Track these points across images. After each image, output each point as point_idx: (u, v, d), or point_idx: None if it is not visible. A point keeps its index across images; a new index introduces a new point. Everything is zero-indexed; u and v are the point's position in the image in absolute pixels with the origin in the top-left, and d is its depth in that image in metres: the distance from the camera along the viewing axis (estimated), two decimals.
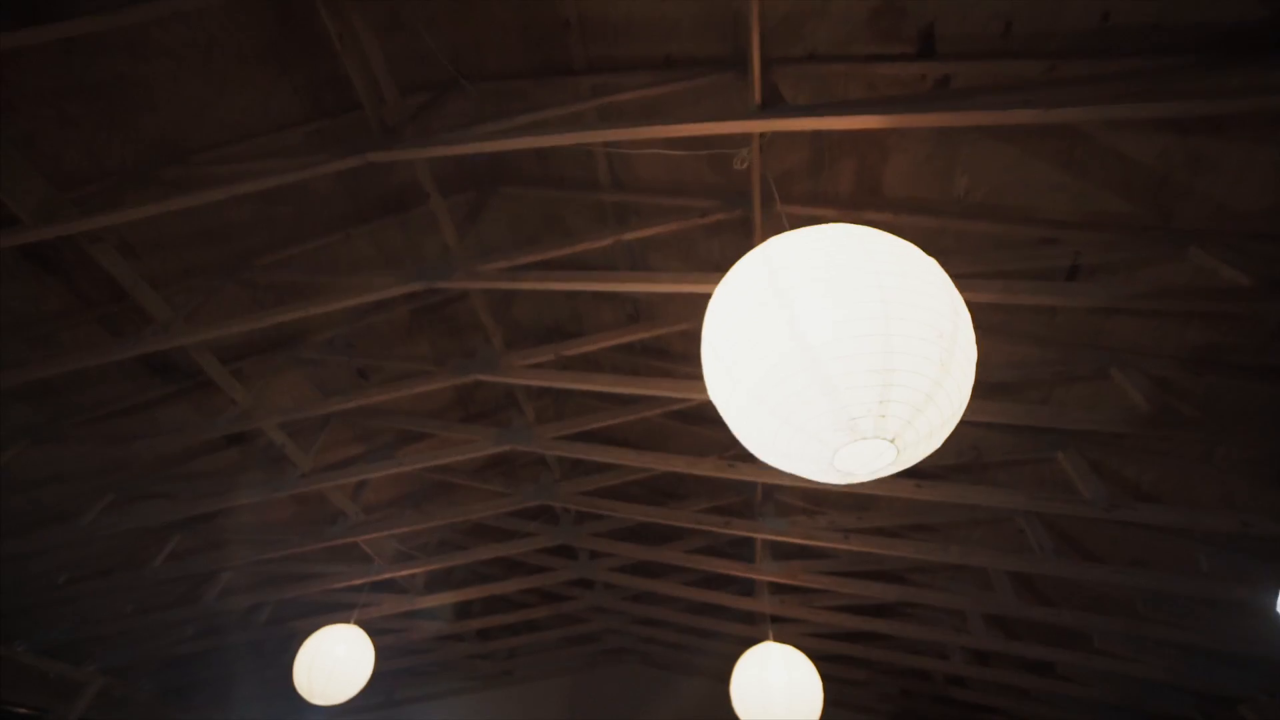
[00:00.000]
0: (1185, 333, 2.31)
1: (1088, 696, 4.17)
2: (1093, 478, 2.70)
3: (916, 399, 0.85)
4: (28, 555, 3.60)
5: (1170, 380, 2.36)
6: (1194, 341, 2.30)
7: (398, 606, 4.44)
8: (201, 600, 4.31)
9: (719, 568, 3.69)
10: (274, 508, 4.20)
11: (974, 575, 3.69)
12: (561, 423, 3.10)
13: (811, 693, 2.76)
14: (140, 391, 3.37)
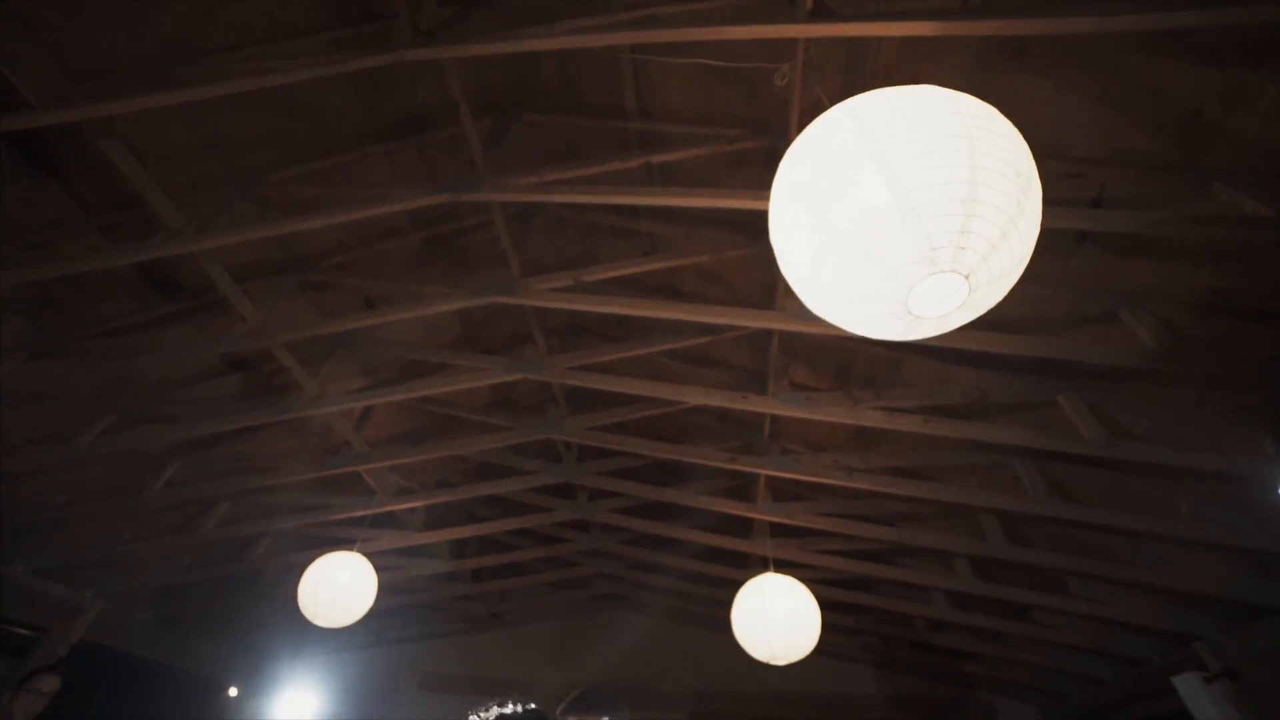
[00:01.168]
0: (1197, 276, 2.37)
1: (1059, 640, 4.39)
2: (1092, 420, 2.80)
3: (993, 233, 0.88)
4: (24, 474, 3.56)
5: (1177, 322, 2.44)
6: (1205, 285, 2.37)
7: (396, 542, 4.48)
8: (199, 529, 4.30)
9: (720, 507, 3.77)
10: (275, 438, 4.18)
11: (965, 524, 3.82)
12: (573, 354, 3.11)
13: (810, 621, 2.87)
14: (143, 309, 3.30)
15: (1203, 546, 3.17)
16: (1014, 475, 3.36)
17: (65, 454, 3.44)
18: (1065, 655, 4.64)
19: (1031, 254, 2.54)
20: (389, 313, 2.93)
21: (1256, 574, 3.18)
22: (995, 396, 2.93)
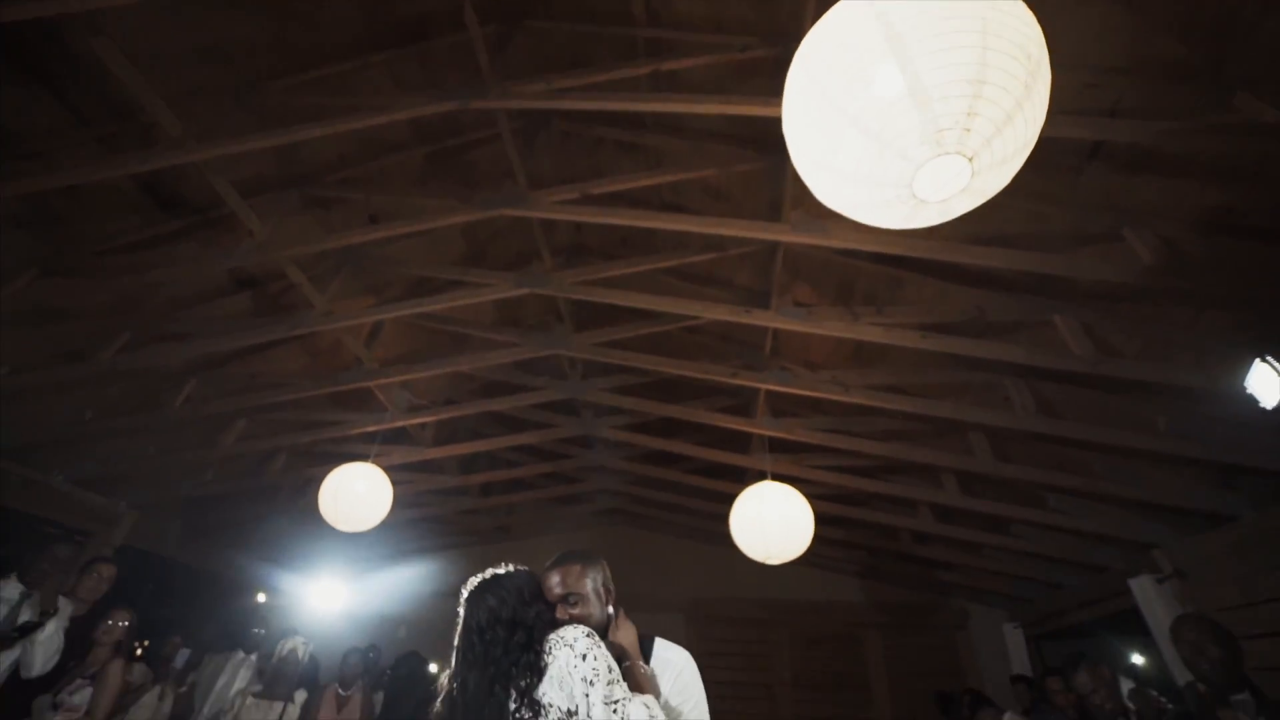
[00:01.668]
0: (1205, 193, 2.38)
1: (1032, 551, 4.68)
2: (1084, 339, 2.88)
3: (999, 116, 0.91)
4: (51, 390, 3.66)
5: (1179, 241, 2.47)
6: (1212, 202, 2.37)
7: (408, 457, 4.67)
8: (219, 445, 4.48)
9: (720, 422, 3.92)
10: (287, 356, 4.28)
11: (955, 442, 3.99)
12: (579, 270, 3.14)
13: (804, 525, 3.04)
14: (148, 225, 3.29)
15: (1173, 461, 3.34)
16: (1005, 395, 3.48)
17: (86, 370, 3.54)
18: (1036, 565, 4.96)
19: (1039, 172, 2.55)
20: (395, 226, 2.93)
21: (1217, 486, 3.37)
22: (993, 315, 3.00)
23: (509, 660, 1.17)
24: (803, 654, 6.02)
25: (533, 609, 1.26)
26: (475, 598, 1.29)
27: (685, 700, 1.32)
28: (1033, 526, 4.53)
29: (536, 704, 1.12)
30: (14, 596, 2.67)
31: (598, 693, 1.11)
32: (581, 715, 1.10)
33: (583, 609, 1.33)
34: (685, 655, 1.41)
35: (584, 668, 1.13)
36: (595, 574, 1.40)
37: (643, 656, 1.32)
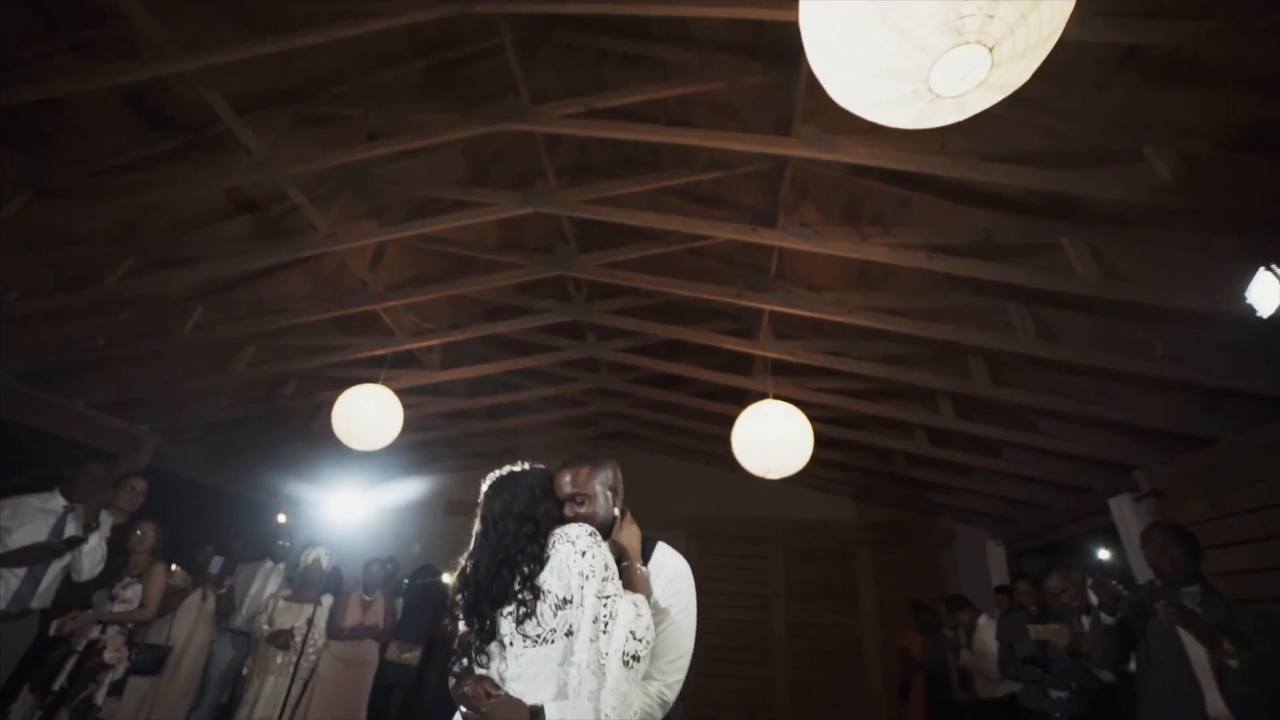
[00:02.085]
0: (1237, 108, 2.28)
1: (1021, 473, 4.86)
2: (1091, 262, 2.87)
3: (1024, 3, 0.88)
4: (62, 315, 3.70)
5: (1202, 158, 2.40)
6: (1242, 117, 2.28)
7: (416, 380, 4.77)
8: (231, 370, 4.56)
9: (723, 344, 3.97)
10: (292, 282, 4.29)
11: (953, 366, 4.05)
12: (584, 189, 3.09)
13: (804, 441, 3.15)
14: (139, 145, 3.21)
15: (1163, 386, 3.41)
16: (1006, 320, 3.51)
17: (94, 296, 3.55)
18: (1023, 487, 5.16)
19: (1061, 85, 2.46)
20: (395, 143, 2.86)
21: (1203, 410, 3.46)
22: (1001, 238, 2.98)
23: (516, 548, 1.27)
24: (797, 568, 6.38)
25: (542, 505, 1.36)
26: (493, 491, 1.39)
27: (674, 603, 1.40)
28: (1023, 449, 4.68)
29: (537, 589, 1.23)
30: (58, 509, 2.88)
31: (591, 587, 1.21)
32: (575, 604, 1.21)
33: (589, 508, 1.41)
34: (682, 563, 1.49)
35: (582, 563, 1.23)
36: (604, 476, 1.48)
37: (643, 559, 1.41)
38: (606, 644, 1.17)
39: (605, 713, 1.13)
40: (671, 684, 1.31)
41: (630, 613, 1.20)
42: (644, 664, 1.19)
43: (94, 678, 2.93)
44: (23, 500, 2.84)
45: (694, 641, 1.41)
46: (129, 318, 4.05)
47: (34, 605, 2.77)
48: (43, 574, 2.78)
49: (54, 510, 2.86)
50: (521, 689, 1.19)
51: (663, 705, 1.29)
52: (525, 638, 1.21)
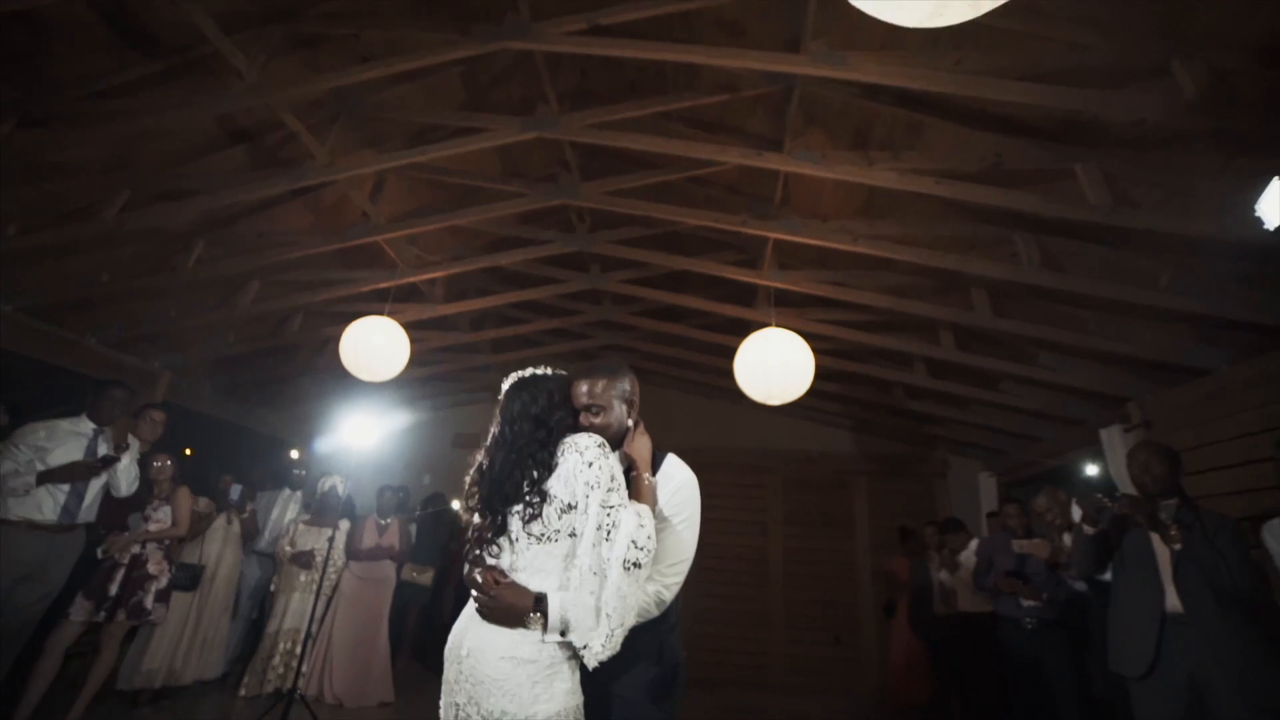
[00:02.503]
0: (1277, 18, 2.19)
1: (1017, 406, 4.95)
2: (1103, 188, 2.83)
3: None
4: (64, 251, 3.68)
5: (1233, 73, 2.30)
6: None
7: (420, 314, 4.80)
8: (237, 306, 4.58)
9: (727, 273, 3.97)
10: (292, 215, 4.24)
11: (956, 298, 4.06)
12: (588, 112, 3.01)
13: (805, 369, 3.19)
14: (122, 69, 3.10)
15: (1165, 317, 3.43)
16: (1013, 250, 3.49)
17: (94, 230, 3.53)
18: (1018, 419, 5.27)
19: None
20: (390, 64, 2.77)
21: (1202, 341, 3.49)
22: (1012, 163, 2.92)
23: (528, 451, 1.33)
24: (795, 497, 6.61)
25: (557, 413, 1.40)
26: (512, 392, 1.44)
27: (678, 513, 1.46)
28: (1020, 382, 4.75)
29: (544, 493, 1.29)
30: (89, 432, 3.00)
31: (596, 496, 1.26)
32: (580, 511, 1.27)
33: (604, 419, 1.45)
34: (689, 474, 1.53)
35: (588, 474, 1.28)
36: (621, 388, 1.50)
37: (652, 470, 1.46)
38: (609, 550, 1.23)
39: (605, 609, 1.20)
40: (669, 585, 1.38)
41: (633, 522, 1.25)
42: (645, 570, 1.25)
43: (141, 586, 3.26)
44: (55, 424, 2.97)
45: (695, 548, 1.47)
46: (131, 253, 4.04)
47: (80, 520, 2.94)
48: (85, 491, 2.93)
49: (85, 433, 3.00)
50: (527, 579, 1.27)
51: (659, 604, 1.36)
52: (531, 535, 1.28)
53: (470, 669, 1.22)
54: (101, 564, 3.26)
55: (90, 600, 3.12)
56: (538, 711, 1.17)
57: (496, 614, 1.24)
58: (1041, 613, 3.10)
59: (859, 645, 6.05)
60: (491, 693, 1.18)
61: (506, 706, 1.16)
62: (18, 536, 2.72)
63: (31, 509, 2.77)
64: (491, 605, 1.24)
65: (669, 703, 1.38)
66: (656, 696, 1.35)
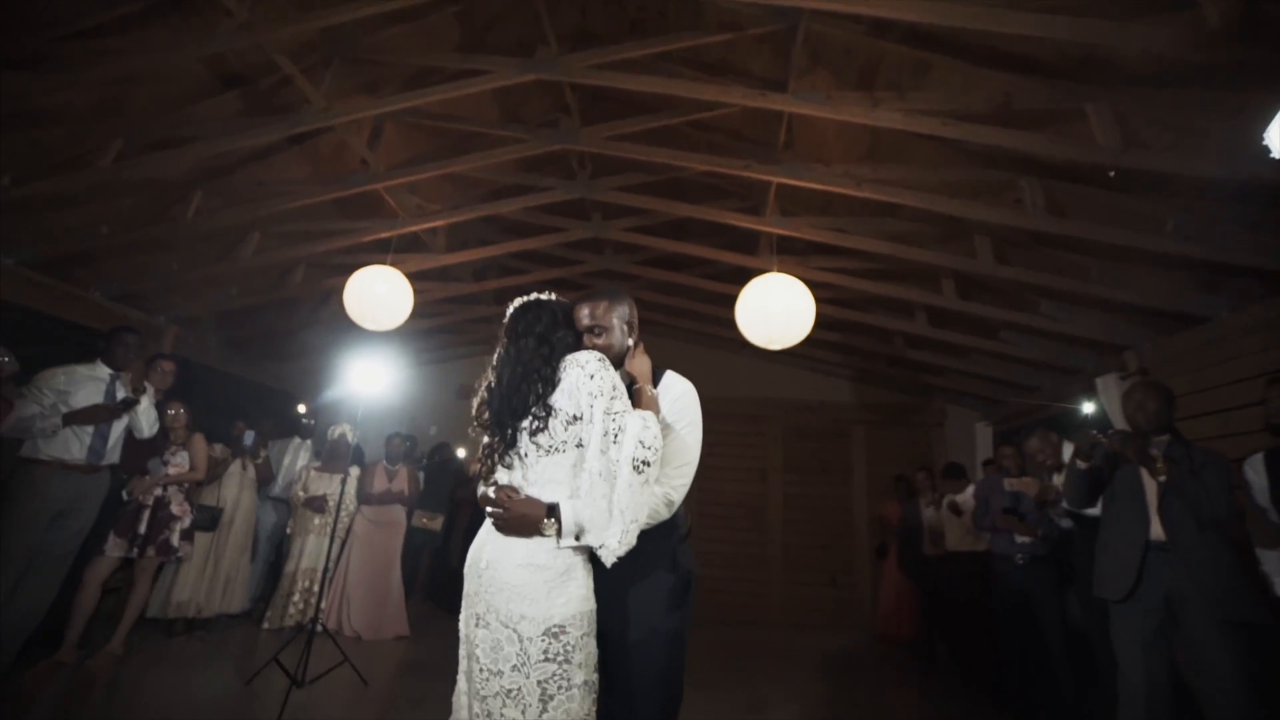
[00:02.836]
0: None
1: (1016, 355, 4.99)
2: (1114, 129, 2.77)
3: None
4: (61, 203, 3.65)
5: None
6: None
7: (422, 264, 4.79)
8: (238, 258, 4.57)
9: (729, 220, 3.95)
10: (290, 164, 4.18)
11: (959, 245, 4.03)
12: (587, 52, 2.93)
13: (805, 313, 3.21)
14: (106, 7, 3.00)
15: (1168, 264, 3.42)
16: (1017, 196, 3.45)
17: (89, 180, 3.49)
18: (1016, 369, 5.33)
19: None
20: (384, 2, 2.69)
21: (1204, 288, 3.49)
22: (1021, 103, 2.86)
23: (533, 366, 1.39)
24: (794, 445, 6.75)
25: (559, 332, 1.46)
26: (518, 313, 1.50)
27: (680, 419, 1.53)
28: (1020, 331, 4.77)
29: (549, 407, 1.35)
30: (105, 376, 3.09)
31: (600, 405, 1.32)
32: (585, 421, 1.33)
33: (605, 339, 1.52)
34: (688, 385, 1.61)
35: (591, 385, 1.34)
36: (621, 311, 1.57)
37: (653, 384, 1.52)
38: (617, 452, 1.29)
39: (617, 508, 1.27)
40: (677, 487, 1.45)
41: (638, 424, 1.31)
42: (654, 469, 1.31)
43: (167, 525, 3.51)
44: (72, 369, 3.05)
45: (699, 452, 1.54)
46: (129, 205, 4.00)
47: (106, 461, 3.05)
48: (109, 433, 3.04)
49: (102, 378, 3.09)
50: (538, 492, 1.34)
51: (668, 506, 1.43)
52: (539, 448, 1.34)
53: (490, 579, 1.30)
54: (128, 505, 3.47)
55: (122, 538, 3.37)
56: (554, 614, 1.25)
57: (512, 525, 1.31)
58: (1034, 549, 3.22)
59: (854, 586, 6.29)
60: (510, 599, 1.26)
61: (525, 610, 1.25)
62: (50, 475, 2.85)
63: (60, 450, 2.88)
64: (507, 518, 1.31)
65: (682, 610, 1.45)
66: (671, 605, 1.42)
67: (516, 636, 1.24)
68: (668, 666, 1.39)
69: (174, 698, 2.97)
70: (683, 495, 1.47)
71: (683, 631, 1.46)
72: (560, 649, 1.24)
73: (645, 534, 1.38)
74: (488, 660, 1.25)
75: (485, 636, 1.27)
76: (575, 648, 1.26)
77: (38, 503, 2.79)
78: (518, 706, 1.21)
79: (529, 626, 1.24)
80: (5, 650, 2.73)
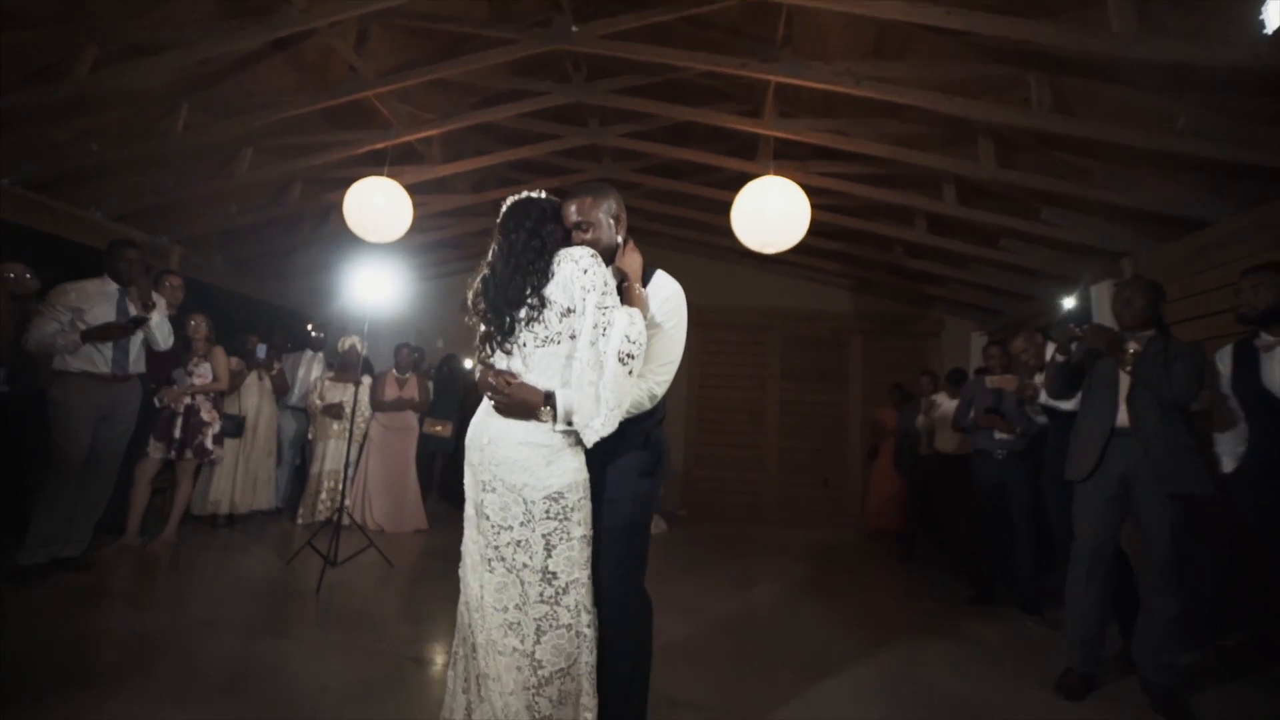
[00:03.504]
0: None
1: (1015, 263, 4.98)
2: (1131, 13, 2.63)
3: None
4: (42, 116, 3.57)
5: None
6: None
7: (420, 175, 4.74)
8: (234, 175, 4.52)
9: (727, 123, 3.85)
10: (276, 73, 4.03)
11: (961, 149, 3.94)
12: None
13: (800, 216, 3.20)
14: None
15: (1175, 166, 3.35)
16: (1024, 95, 3.33)
17: (68, 90, 3.38)
18: (1014, 278, 5.33)
19: None
20: None
21: (1210, 191, 3.43)
22: None
23: (526, 260, 1.46)
24: (792, 354, 6.91)
25: (549, 226, 1.53)
26: (510, 210, 1.57)
27: (668, 319, 1.59)
28: (1021, 239, 4.74)
29: (543, 298, 1.44)
30: (114, 291, 3.16)
31: (592, 299, 1.40)
32: (578, 314, 1.43)
33: (594, 234, 1.57)
34: (676, 286, 1.65)
35: (584, 279, 1.42)
36: (607, 206, 1.61)
37: (643, 283, 1.59)
38: (605, 344, 1.39)
39: (603, 395, 1.39)
40: (660, 382, 1.56)
41: (625, 320, 1.40)
42: (638, 363, 1.41)
43: (200, 431, 3.84)
44: (82, 284, 3.13)
45: (682, 352, 1.62)
46: (114, 119, 3.91)
47: (131, 371, 3.22)
48: (128, 345, 3.19)
49: (111, 293, 3.18)
50: (535, 379, 1.46)
51: (651, 399, 1.55)
52: (535, 338, 1.45)
53: (492, 453, 1.45)
54: (162, 412, 3.75)
55: (161, 441, 3.72)
56: (553, 483, 1.42)
57: (512, 409, 1.44)
58: (1012, 445, 3.41)
59: (845, 487, 6.66)
60: (513, 470, 1.42)
61: (527, 480, 1.41)
62: (82, 385, 3.04)
63: (86, 363, 3.05)
64: (507, 403, 1.44)
65: (653, 478, 1.62)
66: (642, 473, 1.59)
67: (521, 500, 1.41)
68: (633, 520, 1.56)
69: (226, 574, 3.42)
70: (664, 390, 1.57)
71: (649, 494, 1.62)
72: (560, 509, 1.42)
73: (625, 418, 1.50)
74: (497, 518, 1.43)
75: (493, 500, 1.44)
76: (573, 508, 1.43)
77: (78, 410, 3.01)
78: (526, 553, 1.40)
79: (531, 492, 1.41)
80: (83, 534, 3.15)
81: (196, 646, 2.25)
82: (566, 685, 1.39)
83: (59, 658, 2.11)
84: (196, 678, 2.00)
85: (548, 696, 1.38)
